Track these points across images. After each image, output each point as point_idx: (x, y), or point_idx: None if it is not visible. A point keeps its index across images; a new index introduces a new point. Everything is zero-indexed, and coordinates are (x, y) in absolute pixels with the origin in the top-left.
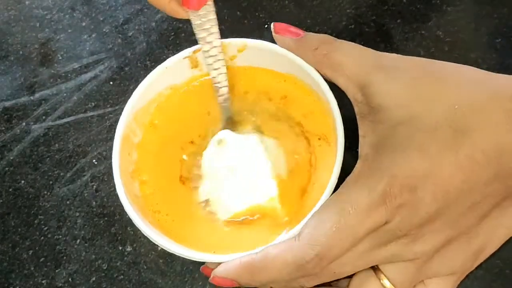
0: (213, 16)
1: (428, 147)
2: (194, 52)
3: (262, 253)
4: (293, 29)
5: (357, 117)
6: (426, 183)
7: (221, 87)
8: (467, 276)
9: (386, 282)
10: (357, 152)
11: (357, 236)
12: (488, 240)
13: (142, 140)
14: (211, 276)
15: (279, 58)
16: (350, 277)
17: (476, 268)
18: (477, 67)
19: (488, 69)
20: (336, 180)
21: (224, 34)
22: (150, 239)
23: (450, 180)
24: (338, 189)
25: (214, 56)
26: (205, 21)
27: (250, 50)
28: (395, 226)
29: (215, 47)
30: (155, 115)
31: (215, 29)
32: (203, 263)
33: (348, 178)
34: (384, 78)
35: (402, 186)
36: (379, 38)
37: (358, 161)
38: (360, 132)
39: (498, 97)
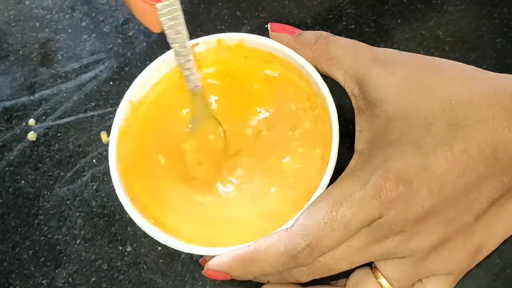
0: (178, 12)
1: (424, 141)
2: (193, 46)
3: (254, 245)
4: (289, 28)
5: (355, 111)
6: (421, 177)
7: (192, 87)
8: (467, 276)
9: (383, 281)
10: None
11: (349, 228)
12: (485, 239)
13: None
14: (205, 269)
15: (277, 53)
16: (348, 276)
17: (477, 268)
18: (477, 67)
19: (488, 69)
20: (331, 175)
21: None
22: (152, 236)
23: (445, 174)
24: (333, 183)
25: (184, 56)
26: (171, 18)
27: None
28: (389, 220)
29: (185, 47)
30: (151, 108)
31: (183, 29)
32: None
33: (343, 173)
34: (381, 72)
35: (397, 180)
36: (379, 38)
37: (354, 156)
38: (357, 127)
39: (496, 94)
